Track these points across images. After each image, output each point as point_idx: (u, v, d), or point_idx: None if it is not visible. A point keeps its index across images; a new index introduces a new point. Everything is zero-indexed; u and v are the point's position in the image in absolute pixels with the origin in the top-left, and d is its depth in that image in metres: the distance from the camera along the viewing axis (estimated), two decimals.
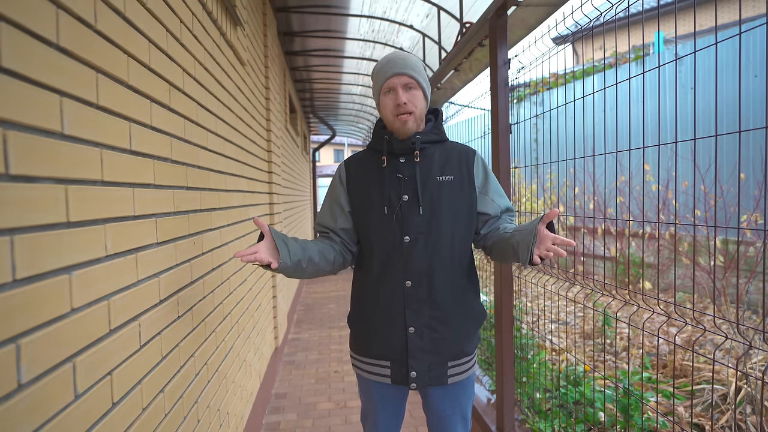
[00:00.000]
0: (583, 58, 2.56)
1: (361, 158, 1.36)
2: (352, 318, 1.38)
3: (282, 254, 1.12)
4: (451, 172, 1.27)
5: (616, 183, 3.44)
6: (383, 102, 1.26)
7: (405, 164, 1.27)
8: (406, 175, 1.26)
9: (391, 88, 1.23)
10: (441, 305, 1.25)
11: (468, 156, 1.30)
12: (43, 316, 0.65)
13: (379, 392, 1.35)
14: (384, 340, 1.28)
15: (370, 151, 1.35)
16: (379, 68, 1.26)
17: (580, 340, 3.48)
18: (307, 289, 6.19)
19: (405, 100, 1.21)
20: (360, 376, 1.38)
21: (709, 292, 3.61)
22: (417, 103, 1.24)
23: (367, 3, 3.55)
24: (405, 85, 1.22)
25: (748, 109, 4.16)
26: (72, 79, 0.74)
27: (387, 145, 1.27)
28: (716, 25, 1.11)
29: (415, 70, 1.23)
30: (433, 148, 1.29)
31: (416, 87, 1.23)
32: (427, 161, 1.27)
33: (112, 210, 0.87)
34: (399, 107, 1.22)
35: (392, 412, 1.38)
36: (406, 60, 1.23)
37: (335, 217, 1.34)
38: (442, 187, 1.25)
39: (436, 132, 1.30)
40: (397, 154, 1.28)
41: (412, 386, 1.27)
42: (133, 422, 0.92)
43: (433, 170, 1.26)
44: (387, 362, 1.29)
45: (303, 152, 7.22)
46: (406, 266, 1.24)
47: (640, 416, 1.97)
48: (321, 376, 3.17)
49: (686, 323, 1.24)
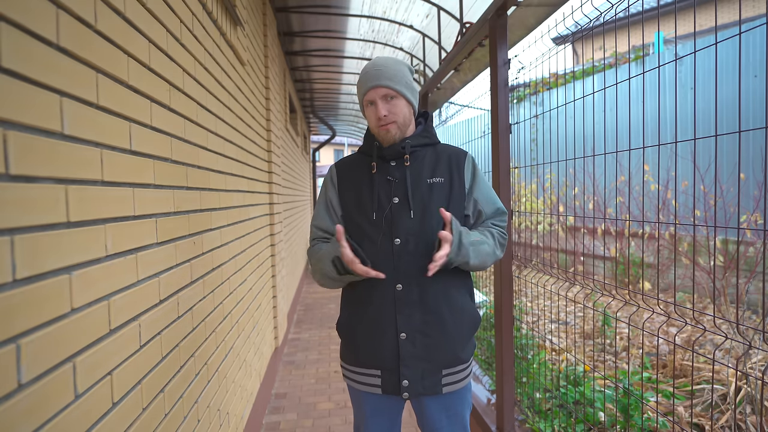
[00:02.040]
0: (583, 58, 2.56)
1: (351, 161, 1.36)
2: (341, 324, 1.33)
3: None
4: (442, 174, 1.26)
5: (616, 183, 3.44)
6: (367, 114, 1.27)
7: (396, 167, 1.27)
8: (396, 177, 1.26)
9: (370, 101, 1.23)
10: (433, 309, 1.22)
11: (459, 157, 1.29)
12: (43, 316, 0.65)
13: (370, 404, 1.30)
14: (374, 348, 1.24)
15: (360, 155, 1.35)
16: (358, 81, 1.27)
17: (580, 340, 3.48)
18: (307, 289, 6.19)
19: (385, 113, 1.21)
20: (350, 386, 1.34)
21: (709, 292, 3.61)
22: (398, 111, 1.23)
23: (367, 3, 3.55)
24: (384, 97, 1.21)
25: (748, 109, 4.16)
26: (72, 79, 0.74)
27: (377, 151, 1.28)
28: (716, 25, 1.11)
29: (393, 80, 1.21)
30: (423, 151, 1.29)
31: (396, 96, 1.22)
32: (417, 164, 1.27)
33: (112, 210, 0.87)
34: (380, 119, 1.22)
35: (385, 424, 1.32)
36: (383, 70, 1.22)
37: (333, 220, 1.34)
38: (432, 189, 1.24)
39: (426, 135, 1.30)
40: (388, 159, 1.28)
41: (404, 395, 1.22)
42: (133, 422, 0.92)
43: (424, 173, 1.26)
44: (378, 371, 1.25)
45: (303, 152, 7.23)
46: (396, 269, 1.22)
47: (640, 416, 1.97)
48: (321, 376, 3.17)
49: (686, 323, 1.24)
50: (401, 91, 1.22)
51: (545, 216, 4.82)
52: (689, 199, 4.33)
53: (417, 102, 1.30)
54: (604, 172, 1.74)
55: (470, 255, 1.18)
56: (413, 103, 1.27)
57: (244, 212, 2.17)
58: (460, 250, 1.16)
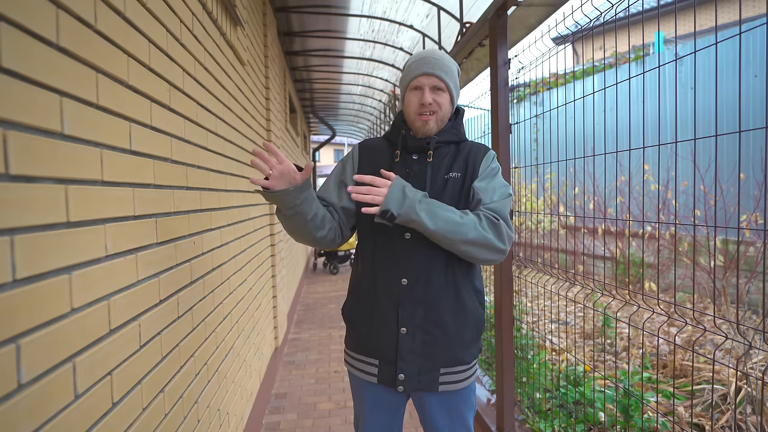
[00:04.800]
0: (583, 58, 2.56)
1: (375, 145, 1.34)
2: (345, 309, 1.34)
3: (301, 187, 1.10)
4: (458, 170, 1.24)
5: (616, 183, 3.44)
6: (408, 98, 1.23)
7: (417, 161, 1.25)
8: (415, 170, 1.24)
9: (418, 86, 1.21)
10: (437, 307, 1.19)
11: (479, 153, 1.25)
12: (43, 316, 0.65)
13: (370, 397, 1.29)
14: (374, 338, 1.23)
15: (385, 141, 1.33)
16: (411, 63, 1.23)
17: (580, 340, 3.48)
18: (307, 289, 6.19)
19: (430, 101, 1.19)
20: (350, 373, 1.34)
21: (709, 292, 3.61)
22: (442, 105, 1.21)
23: (367, 3, 3.55)
24: (433, 87, 1.20)
25: (748, 109, 4.16)
26: (72, 79, 0.74)
27: (402, 141, 1.26)
28: (716, 25, 1.11)
29: (447, 73, 1.20)
30: (447, 148, 1.27)
31: (444, 90, 1.21)
32: (439, 160, 1.25)
33: (112, 210, 0.87)
34: (423, 107, 1.20)
35: (385, 420, 1.30)
36: (440, 61, 1.20)
37: (340, 194, 1.30)
38: (446, 184, 1.22)
39: (454, 132, 1.27)
40: (411, 151, 1.26)
41: (399, 389, 1.21)
42: (133, 422, 0.92)
43: (443, 169, 1.24)
44: (375, 360, 1.25)
45: (303, 152, 7.22)
46: (404, 263, 1.20)
47: (640, 416, 1.97)
48: (321, 376, 3.17)
49: (686, 323, 1.24)
50: (450, 87, 1.21)
51: (545, 216, 4.82)
52: (689, 199, 4.32)
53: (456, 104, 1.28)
54: (604, 172, 1.74)
55: (421, 211, 1.08)
56: (455, 103, 1.26)
57: (244, 212, 2.17)
58: (404, 202, 1.07)
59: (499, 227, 1.13)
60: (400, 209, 1.07)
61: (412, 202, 1.08)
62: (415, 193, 1.10)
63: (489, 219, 1.13)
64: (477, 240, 1.11)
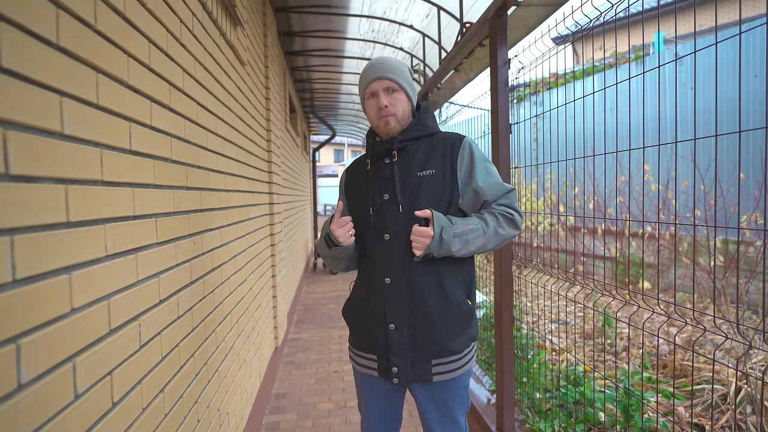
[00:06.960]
0: (583, 58, 2.56)
1: (356, 164, 1.44)
2: (345, 309, 1.44)
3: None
4: (433, 166, 1.26)
5: (616, 183, 3.44)
6: (367, 106, 1.31)
7: (387, 165, 1.31)
8: (385, 174, 1.30)
9: (372, 92, 1.27)
10: (422, 302, 1.24)
11: (453, 145, 1.27)
12: (43, 316, 0.65)
13: (369, 386, 1.37)
14: (369, 335, 1.32)
15: (363, 157, 1.43)
16: (361, 75, 1.31)
17: (580, 340, 3.48)
18: (307, 289, 6.19)
19: (386, 103, 1.25)
20: (354, 368, 1.43)
21: (709, 292, 3.61)
22: (398, 104, 1.27)
23: (367, 3, 3.55)
24: (386, 89, 1.26)
25: (748, 109, 4.16)
26: (72, 79, 0.74)
27: (372, 149, 1.33)
28: (716, 25, 1.11)
29: (396, 73, 1.25)
30: (416, 145, 1.30)
31: (398, 89, 1.27)
32: (407, 159, 1.29)
33: (112, 210, 0.87)
34: (381, 110, 1.26)
35: (383, 408, 1.38)
36: (386, 64, 1.26)
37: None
38: (421, 182, 1.25)
39: (418, 128, 1.30)
40: (381, 156, 1.32)
41: (394, 381, 1.28)
42: (133, 422, 0.92)
43: (414, 166, 1.28)
44: (374, 355, 1.32)
45: (303, 152, 7.22)
46: (386, 263, 1.27)
47: (641, 416, 1.97)
48: (321, 376, 3.17)
49: (686, 323, 1.24)
50: (402, 85, 1.27)
51: (545, 216, 4.82)
52: (689, 198, 4.32)
53: (416, 100, 1.33)
54: (604, 172, 1.74)
55: (454, 246, 1.19)
56: (412, 99, 1.31)
57: (245, 212, 2.17)
58: (441, 246, 1.19)
59: (514, 221, 1.26)
60: (438, 252, 1.20)
61: (448, 245, 1.19)
62: (450, 232, 1.19)
63: (505, 216, 1.25)
64: (501, 242, 1.26)
